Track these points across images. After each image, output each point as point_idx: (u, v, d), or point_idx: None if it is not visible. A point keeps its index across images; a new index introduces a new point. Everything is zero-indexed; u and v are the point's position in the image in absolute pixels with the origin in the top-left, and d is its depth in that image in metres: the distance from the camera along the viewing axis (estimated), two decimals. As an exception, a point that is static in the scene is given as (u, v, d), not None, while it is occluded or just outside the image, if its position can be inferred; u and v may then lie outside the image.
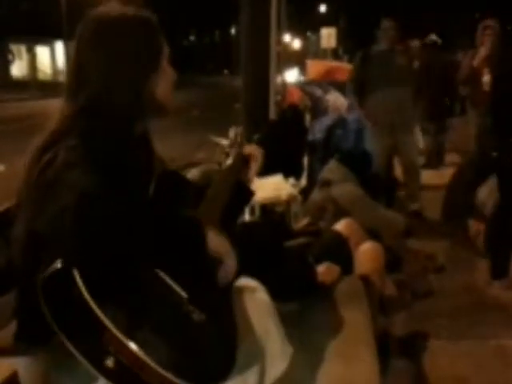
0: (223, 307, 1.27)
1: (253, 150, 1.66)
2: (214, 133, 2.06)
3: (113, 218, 1.13)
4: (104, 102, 1.28)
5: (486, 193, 3.88)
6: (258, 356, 1.40)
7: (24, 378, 1.38)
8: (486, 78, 4.54)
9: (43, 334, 1.16)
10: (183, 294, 1.17)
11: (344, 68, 8.53)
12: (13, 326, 1.35)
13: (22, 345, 1.30)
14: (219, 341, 1.19)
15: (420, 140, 6.34)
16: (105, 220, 1.12)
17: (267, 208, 3.32)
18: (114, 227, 1.12)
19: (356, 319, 1.91)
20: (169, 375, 1.03)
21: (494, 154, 3.38)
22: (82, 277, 1.04)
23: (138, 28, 1.33)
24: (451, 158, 7.08)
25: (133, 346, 1.01)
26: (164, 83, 1.38)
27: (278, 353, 1.45)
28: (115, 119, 1.29)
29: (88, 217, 1.11)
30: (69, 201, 1.11)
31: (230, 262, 1.29)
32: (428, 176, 5.40)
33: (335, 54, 14.87)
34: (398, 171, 5.01)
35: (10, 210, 1.32)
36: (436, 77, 6.23)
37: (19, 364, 1.39)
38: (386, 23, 4.50)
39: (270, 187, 3.43)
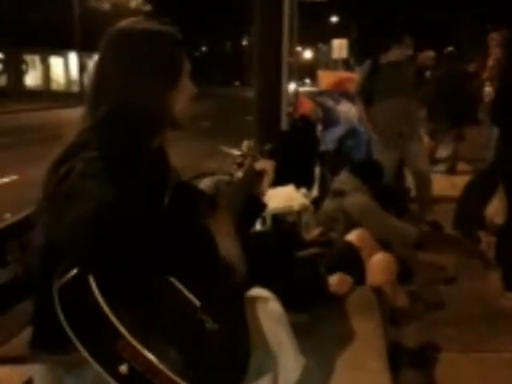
0: (236, 316, 1.28)
1: (265, 164, 1.69)
2: (225, 143, 2.08)
3: (128, 228, 1.15)
4: (123, 115, 1.30)
5: (496, 205, 3.87)
6: (270, 365, 1.41)
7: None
8: (488, 90, 4.55)
9: (59, 341, 1.18)
10: (196, 302, 1.18)
11: (355, 78, 8.55)
12: (27, 334, 1.37)
13: (37, 352, 1.32)
14: (231, 350, 1.21)
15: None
16: (120, 229, 1.14)
17: (278, 218, 3.33)
18: (129, 237, 1.14)
19: (368, 330, 1.91)
20: (180, 381, 1.04)
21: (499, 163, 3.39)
22: (98, 284, 1.06)
23: (159, 43, 1.35)
24: (462, 166, 7.08)
25: (147, 353, 1.02)
26: (183, 98, 1.40)
27: (290, 362, 1.46)
28: (134, 132, 1.31)
29: (104, 226, 1.13)
30: (85, 210, 1.13)
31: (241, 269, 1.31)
32: (440, 187, 5.39)
33: (346, 65, 14.89)
34: (410, 181, 5.01)
35: (28, 218, 1.34)
36: (453, 85, 6.39)
37: (34, 371, 1.41)
38: (409, 41, 4.53)
39: (281, 197, 3.44)
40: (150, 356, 1.02)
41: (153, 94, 1.33)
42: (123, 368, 1.03)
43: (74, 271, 1.10)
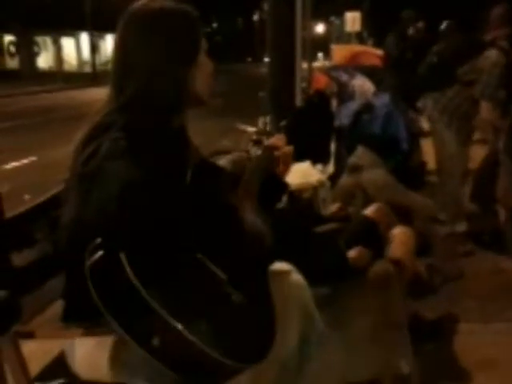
0: (261, 289, 1.31)
1: (275, 140, 1.69)
2: (239, 120, 2.09)
3: (154, 206, 1.18)
4: (148, 95, 1.32)
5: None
6: (295, 336, 1.44)
7: (71, 359, 1.44)
8: None
9: (90, 315, 1.22)
10: (223, 275, 1.21)
11: (369, 52, 8.45)
12: (51, 311, 1.41)
13: (70, 325, 1.36)
14: (258, 321, 1.24)
15: None
16: (147, 207, 1.17)
17: (295, 194, 3.34)
18: (156, 214, 1.17)
19: (387, 303, 1.93)
20: (215, 355, 1.07)
21: None
22: (128, 261, 1.09)
23: (178, 21, 1.37)
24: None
25: (179, 326, 1.06)
26: (202, 75, 1.41)
27: (314, 333, 1.49)
28: (158, 112, 1.33)
29: (131, 205, 1.16)
30: (112, 190, 1.17)
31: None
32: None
33: (360, 38, 14.70)
34: (429, 156, 4.95)
35: (56, 197, 1.37)
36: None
37: (66, 345, 1.45)
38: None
39: (297, 174, 3.44)
40: (181, 329, 1.06)
41: (173, 71, 1.34)
42: (155, 341, 1.07)
43: (104, 249, 1.13)
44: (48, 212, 1.49)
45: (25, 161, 7.95)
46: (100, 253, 1.13)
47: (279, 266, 1.54)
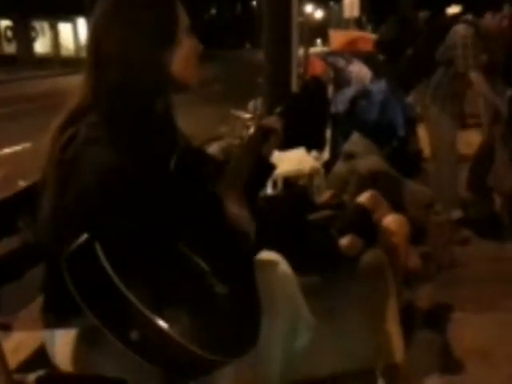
0: (246, 280, 1.28)
1: (272, 122, 1.65)
2: (236, 107, 2.05)
3: (134, 192, 1.14)
4: (122, 77, 1.27)
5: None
6: (281, 328, 1.41)
7: (51, 350, 1.41)
8: None
9: (71, 308, 1.18)
10: (205, 267, 1.17)
11: (367, 37, 8.35)
12: (39, 301, 1.38)
13: (49, 317, 1.33)
14: (243, 313, 1.21)
15: None
16: (126, 194, 1.13)
17: (290, 181, 3.31)
18: (136, 201, 1.13)
19: (380, 291, 1.91)
20: (193, 347, 1.04)
21: None
22: (106, 252, 1.05)
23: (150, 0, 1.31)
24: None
25: (158, 320, 1.02)
26: (182, 56, 1.33)
27: (301, 324, 1.46)
28: (134, 95, 1.28)
29: (109, 193, 1.13)
30: (91, 176, 1.13)
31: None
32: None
33: (359, 24, 14.59)
34: (423, 143, 4.92)
35: (37, 184, 1.34)
36: None
37: (47, 337, 1.42)
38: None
39: (292, 160, 3.41)
40: (161, 322, 1.02)
41: (147, 52, 1.28)
42: (134, 335, 1.03)
43: (82, 239, 1.09)
44: (29, 200, 1.45)
45: (17, 147, 7.92)
46: (77, 243, 1.09)
47: (266, 255, 1.51)
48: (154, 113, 1.33)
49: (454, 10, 4.30)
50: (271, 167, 1.61)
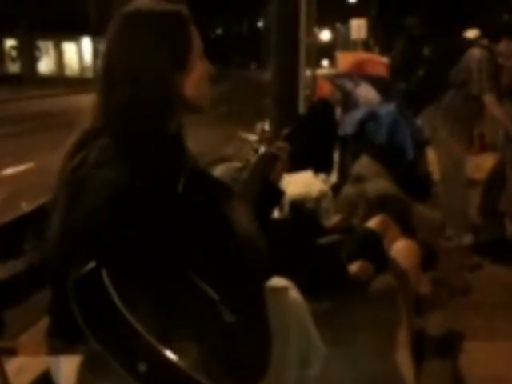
0: (256, 308, 1.24)
1: (276, 149, 1.64)
2: (242, 128, 2.04)
3: (142, 217, 1.12)
4: (134, 100, 1.26)
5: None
6: (293, 356, 1.38)
7: (56, 375, 1.37)
8: None
9: (77, 333, 1.15)
10: (214, 295, 1.14)
11: (375, 60, 8.39)
12: (43, 323, 1.35)
13: (55, 342, 1.29)
14: (252, 342, 1.17)
15: None
16: (135, 217, 1.11)
17: (297, 204, 3.28)
18: (144, 224, 1.12)
19: (391, 318, 1.88)
20: (201, 379, 1.00)
21: None
22: (112, 279, 1.02)
23: (167, 22, 1.30)
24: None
25: (166, 351, 0.99)
26: (196, 79, 1.34)
27: (313, 352, 1.43)
28: (145, 117, 1.27)
29: (117, 215, 1.11)
30: (100, 197, 1.12)
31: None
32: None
33: (366, 46, 14.69)
34: (433, 166, 4.89)
35: (45, 206, 1.32)
36: None
37: (52, 361, 1.39)
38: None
39: (299, 183, 3.39)
40: (169, 354, 0.99)
41: (162, 75, 1.28)
42: (141, 366, 1.00)
43: (90, 265, 1.06)
44: (36, 222, 1.43)
45: (22, 166, 7.93)
46: (85, 268, 1.06)
47: (277, 282, 1.47)
48: (164, 135, 1.32)
49: (472, 33, 4.33)
50: (280, 193, 1.59)
